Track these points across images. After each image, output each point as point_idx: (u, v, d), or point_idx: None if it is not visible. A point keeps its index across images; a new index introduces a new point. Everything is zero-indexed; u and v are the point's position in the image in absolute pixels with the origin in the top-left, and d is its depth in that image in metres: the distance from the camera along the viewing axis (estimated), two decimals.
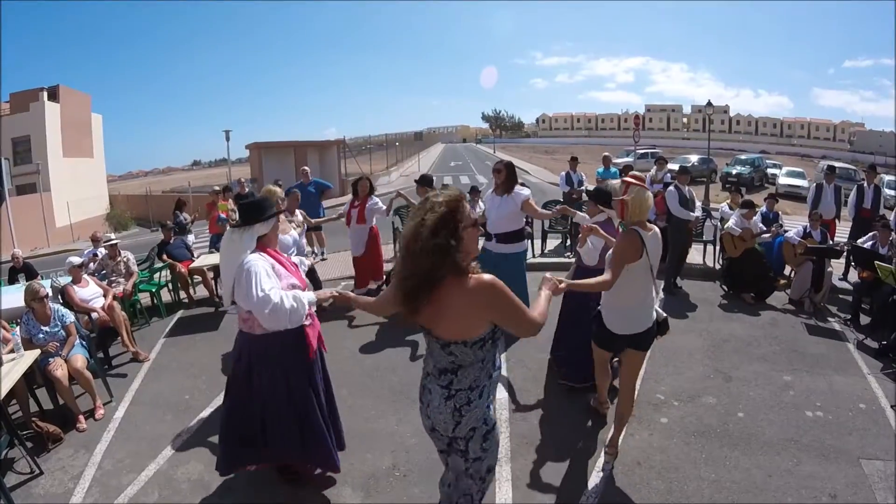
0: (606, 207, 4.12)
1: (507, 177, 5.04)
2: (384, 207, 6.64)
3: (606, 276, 3.04)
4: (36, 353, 4.20)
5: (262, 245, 2.99)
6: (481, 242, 5.12)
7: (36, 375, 4.45)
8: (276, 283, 2.86)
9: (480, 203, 6.43)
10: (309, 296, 2.99)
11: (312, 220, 6.57)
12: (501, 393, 4.35)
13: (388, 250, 8.09)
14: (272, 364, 3.00)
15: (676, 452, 3.58)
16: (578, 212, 5.12)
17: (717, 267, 7.52)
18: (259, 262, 2.84)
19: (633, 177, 3.63)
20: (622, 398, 3.46)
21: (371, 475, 3.42)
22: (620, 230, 3.47)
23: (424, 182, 6.09)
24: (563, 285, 2.49)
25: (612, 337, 3.35)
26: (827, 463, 3.43)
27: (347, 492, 3.28)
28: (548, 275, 2.46)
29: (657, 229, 3.27)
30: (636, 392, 3.80)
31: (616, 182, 4.02)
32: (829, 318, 6.02)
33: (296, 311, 2.85)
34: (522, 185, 5.26)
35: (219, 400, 4.49)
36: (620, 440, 3.54)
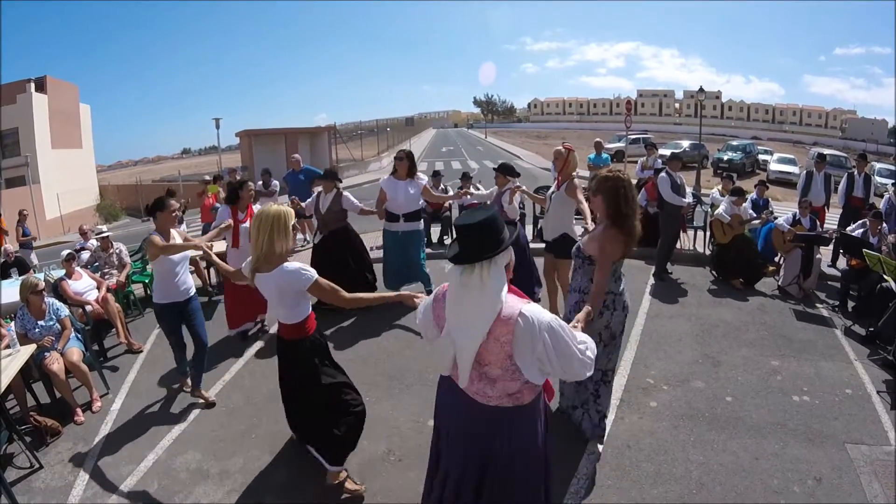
0: (512, 177, 5.62)
1: (410, 164, 5.78)
2: None
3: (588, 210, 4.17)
4: (32, 347, 4.20)
5: None
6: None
7: (32, 370, 4.46)
8: None
9: (472, 190, 6.54)
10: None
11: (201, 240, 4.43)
12: None
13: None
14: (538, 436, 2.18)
15: (665, 435, 3.65)
16: (475, 190, 6.16)
17: (707, 253, 7.60)
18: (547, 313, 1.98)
19: (567, 146, 4.98)
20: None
21: (367, 461, 3.48)
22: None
23: (331, 176, 6.01)
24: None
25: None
26: (813, 447, 3.51)
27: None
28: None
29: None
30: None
31: (559, 147, 5.02)
32: (818, 305, 6.12)
33: None
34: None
35: (216, 389, 4.55)
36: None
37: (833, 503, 3.02)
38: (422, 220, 6.09)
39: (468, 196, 6.34)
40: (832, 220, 8.52)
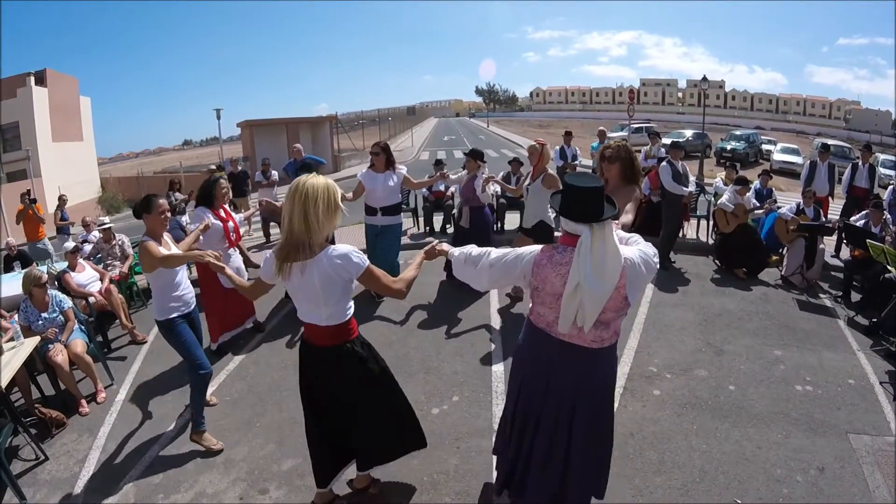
0: (481, 162, 5.87)
1: (387, 157, 5.66)
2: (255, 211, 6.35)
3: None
4: (36, 340, 4.22)
5: None
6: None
7: (36, 362, 4.48)
8: None
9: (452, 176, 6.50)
10: None
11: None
12: (497, 366, 4.44)
13: None
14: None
15: (669, 424, 3.66)
16: (451, 176, 6.15)
17: (710, 242, 7.58)
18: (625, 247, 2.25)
19: (540, 141, 5.23)
20: None
21: None
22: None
23: (307, 168, 6.05)
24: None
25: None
26: (815, 436, 3.51)
27: None
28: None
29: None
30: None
31: (532, 143, 5.21)
32: (821, 295, 6.10)
33: None
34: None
35: (219, 380, 4.56)
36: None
37: (835, 493, 3.02)
38: (400, 215, 5.96)
39: (445, 179, 6.19)
40: (836, 210, 8.47)
